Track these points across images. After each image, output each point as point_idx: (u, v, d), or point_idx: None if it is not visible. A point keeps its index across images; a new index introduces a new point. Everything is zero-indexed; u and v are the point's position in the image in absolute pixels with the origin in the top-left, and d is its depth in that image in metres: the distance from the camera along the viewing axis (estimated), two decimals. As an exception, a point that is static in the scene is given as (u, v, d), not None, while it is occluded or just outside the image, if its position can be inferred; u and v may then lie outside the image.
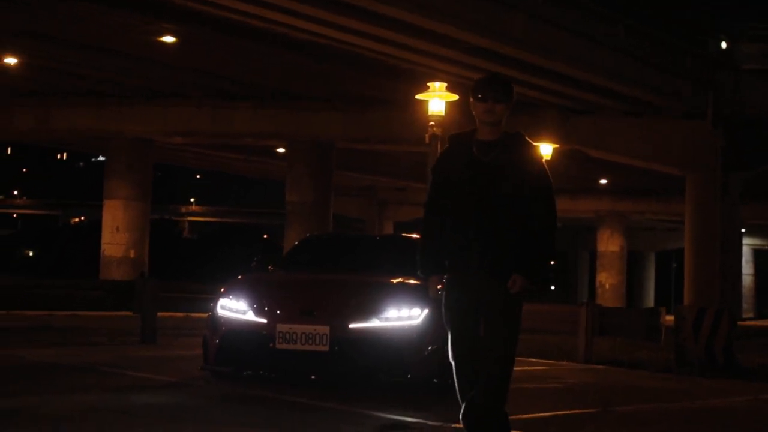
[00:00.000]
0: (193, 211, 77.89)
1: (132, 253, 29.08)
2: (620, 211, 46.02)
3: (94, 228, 39.83)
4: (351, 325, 8.01)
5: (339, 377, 8.09)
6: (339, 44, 22.65)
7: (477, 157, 5.13)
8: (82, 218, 75.54)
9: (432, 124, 16.84)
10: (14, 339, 12.05)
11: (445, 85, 17.07)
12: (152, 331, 12.04)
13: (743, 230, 48.01)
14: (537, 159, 5.22)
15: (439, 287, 5.26)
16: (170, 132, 30.15)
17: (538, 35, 23.05)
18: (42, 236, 63.13)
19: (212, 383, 8.29)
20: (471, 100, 5.20)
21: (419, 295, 8.42)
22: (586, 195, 44.94)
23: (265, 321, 8.10)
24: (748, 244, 54.06)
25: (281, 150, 33.53)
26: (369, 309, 8.12)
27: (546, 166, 5.27)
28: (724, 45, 40.89)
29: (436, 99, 16.94)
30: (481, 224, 5.06)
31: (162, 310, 14.31)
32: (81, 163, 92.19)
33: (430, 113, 16.96)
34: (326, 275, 9.12)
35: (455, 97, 17.24)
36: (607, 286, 46.24)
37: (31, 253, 62.16)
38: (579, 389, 9.62)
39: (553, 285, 47.74)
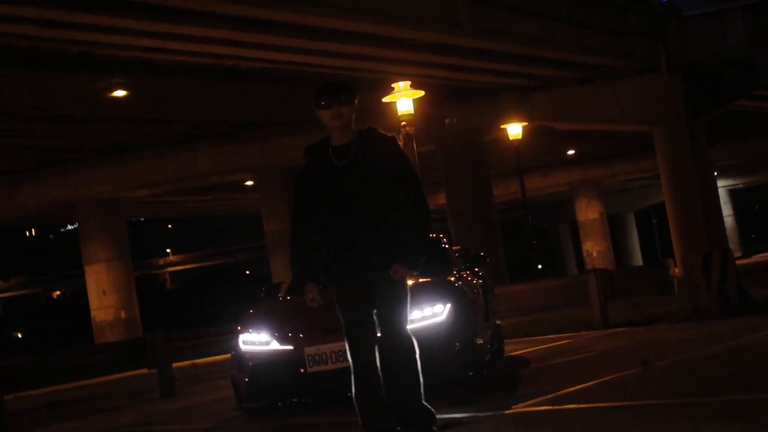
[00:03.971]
0: (171, 262, 77.30)
1: (123, 314, 28.76)
2: (592, 178, 46.20)
3: (78, 296, 39.42)
4: (378, 335, 7.89)
5: (375, 389, 7.96)
6: (288, 66, 22.55)
7: (335, 163, 5.20)
8: (63, 290, 74.78)
9: (404, 124, 16.75)
10: (33, 420, 11.80)
11: (409, 83, 16.98)
12: (170, 383, 11.85)
13: (715, 173, 48.37)
14: (393, 149, 5.23)
15: (313, 295, 5.36)
16: (135, 186, 29.90)
17: (483, 19, 23.04)
18: (27, 316, 62.43)
19: (250, 420, 8.14)
20: (315, 109, 5.24)
21: (438, 291, 8.32)
22: (556, 169, 45.07)
23: (291, 347, 7.98)
24: (722, 186, 54.44)
25: (249, 183, 33.37)
26: (392, 315, 7.99)
27: (404, 153, 5.32)
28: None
29: (403, 99, 16.84)
30: (350, 228, 5.15)
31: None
32: (51, 236, 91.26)
33: (399, 114, 16.85)
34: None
35: (421, 93, 17.16)
36: (594, 254, 46.33)
37: (20, 335, 61.47)
38: (611, 354, 9.57)
39: (540, 264, 47.75)
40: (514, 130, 25.76)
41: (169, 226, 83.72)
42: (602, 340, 11.06)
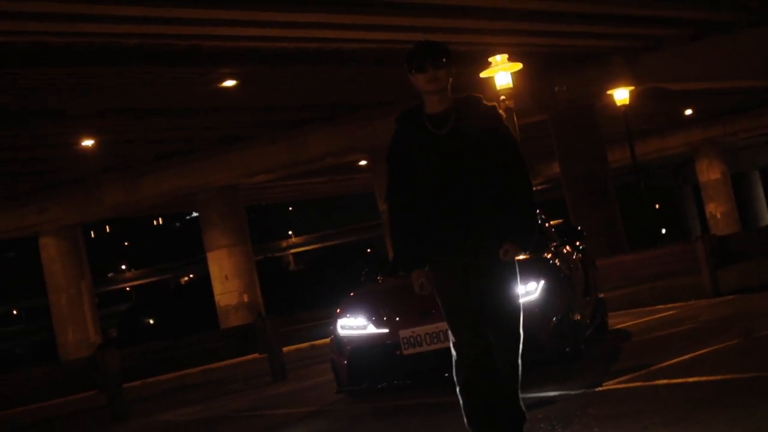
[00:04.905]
0: (294, 243, 78.75)
1: (245, 298, 29.49)
2: (712, 137, 44.86)
3: (204, 282, 40.59)
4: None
5: (472, 368, 8.03)
6: (392, 44, 22.62)
7: (433, 132, 4.70)
8: (191, 276, 77.10)
9: (503, 98, 16.68)
10: (154, 406, 12.33)
11: (506, 56, 16.89)
12: (281, 367, 12.18)
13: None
14: (497, 118, 4.81)
15: (422, 281, 4.82)
16: (252, 173, 30.53)
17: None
18: (158, 302, 64.66)
19: (351, 403, 8.33)
20: (409, 74, 4.76)
21: (531, 269, 8.31)
22: (674, 130, 43.98)
23: (387, 331, 8.13)
24: None
25: (363, 162, 33.65)
26: (485, 295, 8.04)
27: (506, 125, 4.87)
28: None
29: (501, 72, 16.77)
30: (456, 201, 4.67)
31: (286, 344, 14.48)
32: (177, 224, 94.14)
33: (498, 88, 16.79)
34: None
35: (519, 66, 17.05)
36: (718, 216, 45.10)
37: (152, 321, 63.72)
38: (714, 325, 9.39)
39: (663, 228, 46.79)
40: (621, 95, 25.26)
41: (290, 208, 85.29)
42: (710, 310, 10.86)
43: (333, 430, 7.27)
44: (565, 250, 9.66)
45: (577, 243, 10.38)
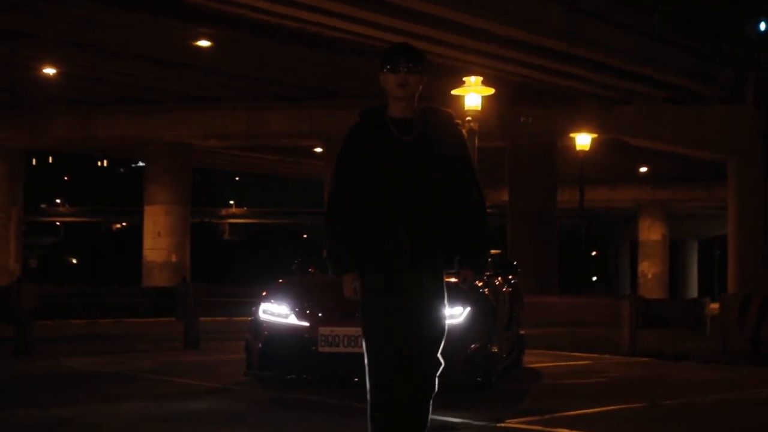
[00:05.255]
0: (233, 213, 78.30)
1: (174, 258, 29.25)
2: (661, 199, 45.56)
3: (135, 234, 40.18)
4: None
5: (382, 379, 8.06)
6: (372, 41, 22.63)
7: (398, 137, 4.44)
8: (124, 224, 76.18)
9: (469, 119, 16.79)
10: (62, 348, 12.20)
11: (480, 79, 17.02)
12: (195, 336, 12.12)
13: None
14: (462, 138, 4.65)
15: (356, 285, 4.45)
16: (207, 135, 30.35)
17: (573, 25, 22.92)
18: (85, 244, 63.86)
19: (256, 388, 8.32)
20: (380, 72, 4.51)
21: (459, 294, 8.37)
22: (626, 184, 44.57)
23: (307, 324, 8.14)
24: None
25: (318, 150, 33.59)
26: (410, 309, 8.08)
27: (467, 146, 4.67)
28: (763, 26, 40.34)
29: (472, 94, 16.88)
30: (410, 213, 4.40)
31: (204, 315, 14.46)
32: (121, 170, 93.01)
33: (466, 108, 16.90)
34: (366, 276, 9.08)
35: (491, 90, 17.17)
36: (649, 276, 45.81)
37: (75, 261, 62.87)
38: (624, 383, 9.55)
39: (594, 276, 47.38)
40: (583, 140, 25.54)
41: (237, 178, 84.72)
42: (622, 368, 11.03)
43: (231, 412, 7.25)
44: (496, 282, 9.76)
45: (510, 277, 10.48)
